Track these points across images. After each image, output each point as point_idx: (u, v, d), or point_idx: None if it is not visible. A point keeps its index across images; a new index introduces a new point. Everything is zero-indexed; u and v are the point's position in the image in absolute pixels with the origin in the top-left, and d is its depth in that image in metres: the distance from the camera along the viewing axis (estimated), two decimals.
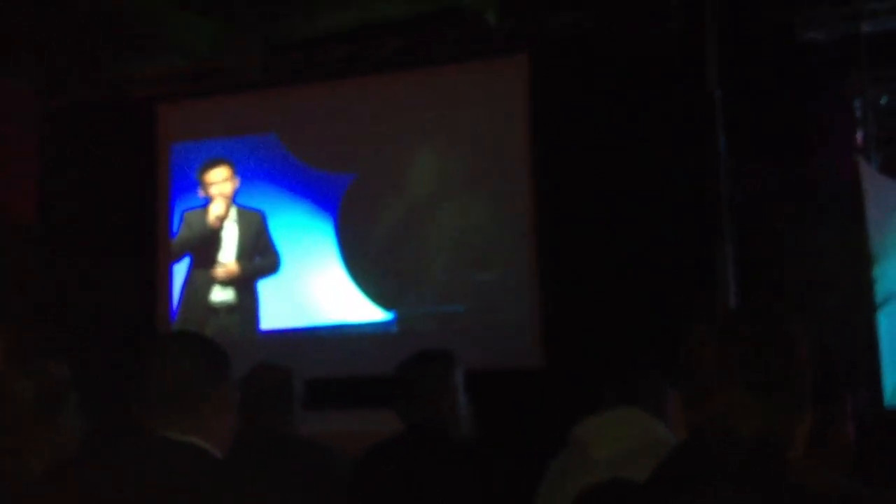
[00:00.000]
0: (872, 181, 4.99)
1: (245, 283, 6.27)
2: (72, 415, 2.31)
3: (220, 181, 6.38)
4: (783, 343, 1.50)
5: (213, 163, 6.42)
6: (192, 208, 6.42)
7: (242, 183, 6.36)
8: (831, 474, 1.62)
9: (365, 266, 6.07)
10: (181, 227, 6.44)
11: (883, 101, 5.32)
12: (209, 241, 6.35)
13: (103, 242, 6.36)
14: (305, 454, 2.81)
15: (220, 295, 6.30)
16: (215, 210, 6.36)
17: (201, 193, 6.41)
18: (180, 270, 6.41)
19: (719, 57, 5.01)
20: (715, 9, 5.06)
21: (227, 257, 6.33)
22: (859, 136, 5.26)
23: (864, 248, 4.80)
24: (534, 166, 5.76)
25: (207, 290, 6.32)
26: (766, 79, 5.19)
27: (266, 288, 6.24)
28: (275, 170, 6.31)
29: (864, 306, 4.79)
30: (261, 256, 6.28)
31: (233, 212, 6.36)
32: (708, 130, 4.97)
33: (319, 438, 2.95)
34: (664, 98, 5.33)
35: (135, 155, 6.52)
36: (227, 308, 6.28)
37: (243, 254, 6.31)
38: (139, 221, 6.46)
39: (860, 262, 4.81)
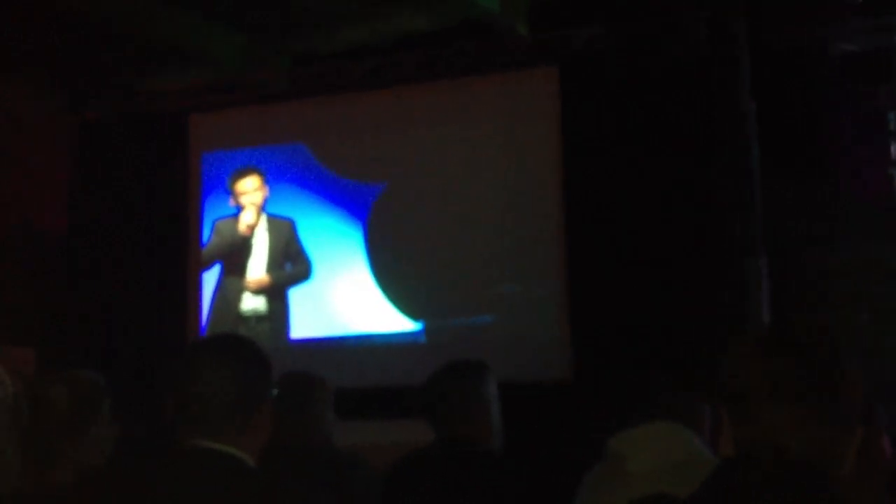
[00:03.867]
0: None
1: (276, 292, 6.29)
2: (105, 423, 2.33)
3: (250, 190, 6.41)
4: (830, 357, 1.44)
5: (244, 172, 6.45)
6: (223, 217, 6.46)
7: (272, 192, 6.39)
8: (880, 494, 1.57)
9: (393, 276, 6.07)
10: (212, 235, 6.47)
11: None
12: (240, 250, 6.38)
13: (134, 251, 6.41)
14: (335, 465, 2.80)
15: (251, 303, 6.33)
16: (246, 219, 6.38)
17: (232, 202, 6.44)
18: (210, 279, 6.45)
19: (752, 70, 4.98)
20: (747, 21, 5.03)
21: (258, 266, 6.35)
22: (893, 149, 5.21)
23: None
24: (563, 178, 5.74)
25: (238, 299, 6.34)
26: (798, 91, 5.15)
27: (296, 297, 6.26)
28: (304, 179, 6.33)
29: None
30: (292, 264, 6.30)
31: (263, 220, 6.39)
32: (741, 143, 4.94)
33: (347, 449, 2.94)
34: (696, 111, 5.30)
35: (165, 165, 6.57)
36: (257, 317, 6.30)
37: (274, 262, 6.33)
38: (170, 230, 6.50)
39: (892, 276, 4.76)
